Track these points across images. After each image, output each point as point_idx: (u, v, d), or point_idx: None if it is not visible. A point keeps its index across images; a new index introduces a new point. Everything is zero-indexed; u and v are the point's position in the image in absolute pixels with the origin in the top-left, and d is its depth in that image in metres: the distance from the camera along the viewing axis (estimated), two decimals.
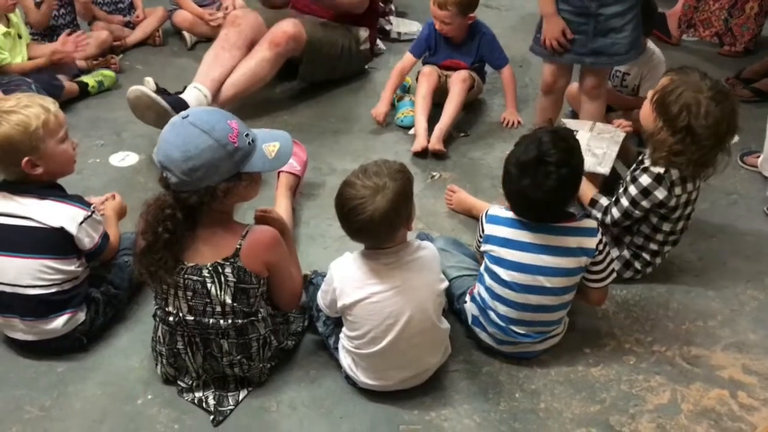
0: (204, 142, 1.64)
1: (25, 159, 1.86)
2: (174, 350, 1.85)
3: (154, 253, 1.71)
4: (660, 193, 2.10)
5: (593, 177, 2.30)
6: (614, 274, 2.02)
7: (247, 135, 1.72)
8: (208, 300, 1.76)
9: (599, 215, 2.23)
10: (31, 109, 1.87)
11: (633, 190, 2.14)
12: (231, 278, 1.75)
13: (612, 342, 2.12)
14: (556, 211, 1.89)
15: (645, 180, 2.12)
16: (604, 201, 2.25)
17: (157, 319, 1.86)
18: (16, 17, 3.15)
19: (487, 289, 1.96)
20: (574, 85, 3.14)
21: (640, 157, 2.24)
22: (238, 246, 1.75)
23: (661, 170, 2.10)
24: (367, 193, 1.70)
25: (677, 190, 2.12)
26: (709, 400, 1.94)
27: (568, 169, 1.80)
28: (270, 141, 1.78)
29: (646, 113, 2.15)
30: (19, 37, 3.15)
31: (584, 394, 1.95)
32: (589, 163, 2.20)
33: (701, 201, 2.36)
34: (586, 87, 2.73)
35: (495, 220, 1.94)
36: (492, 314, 1.97)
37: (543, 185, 1.78)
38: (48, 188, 1.93)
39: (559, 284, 1.91)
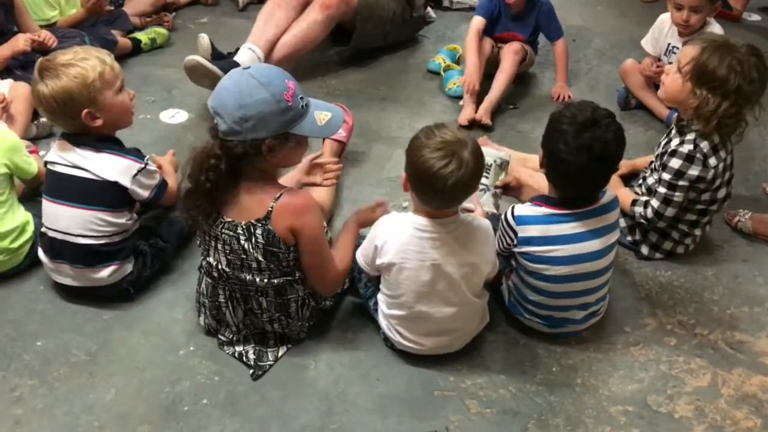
0: (259, 94, 1.65)
1: (85, 111, 1.89)
2: (216, 303, 1.89)
3: (195, 199, 1.74)
4: (695, 170, 2.08)
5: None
6: None
7: (301, 98, 1.73)
8: (245, 256, 1.79)
9: (641, 210, 2.20)
10: (88, 61, 1.90)
11: (666, 175, 2.12)
12: (261, 240, 1.76)
13: (653, 322, 2.09)
14: (607, 171, 1.84)
15: (675, 163, 2.09)
16: (642, 198, 2.22)
17: (202, 271, 1.90)
18: None
19: (526, 283, 1.93)
20: (629, 62, 3.08)
21: (662, 145, 2.21)
22: (270, 208, 1.75)
23: (690, 148, 2.07)
24: (450, 153, 1.66)
25: (712, 161, 2.08)
26: (751, 387, 1.91)
27: (619, 125, 1.81)
28: (323, 110, 1.79)
29: (677, 89, 2.10)
30: None
31: (622, 373, 1.93)
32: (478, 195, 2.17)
33: (756, 186, 2.31)
34: None
35: (527, 220, 1.86)
36: (532, 307, 1.95)
37: (603, 136, 1.76)
38: (105, 141, 1.97)
39: (605, 264, 1.90)
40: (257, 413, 1.78)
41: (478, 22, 3.11)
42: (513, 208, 1.90)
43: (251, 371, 1.87)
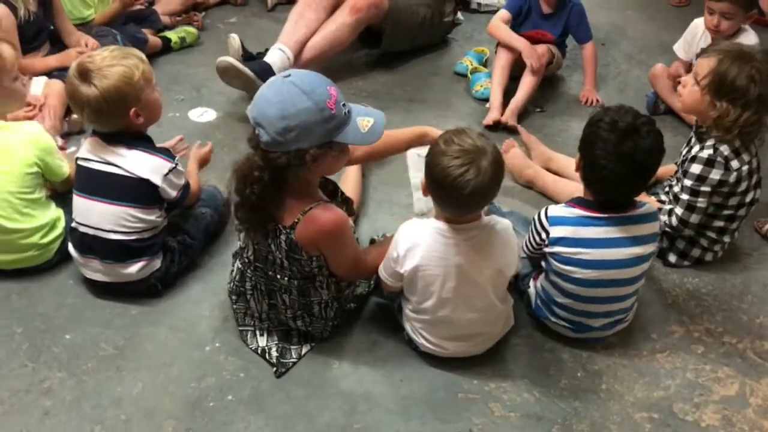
0: (302, 103, 1.61)
1: (133, 109, 1.92)
2: (241, 289, 1.91)
3: (244, 213, 1.75)
4: (716, 174, 2.06)
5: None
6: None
7: (344, 105, 1.69)
8: (269, 250, 1.80)
9: (665, 219, 2.17)
10: (129, 60, 1.92)
11: (688, 182, 2.10)
12: (283, 246, 1.76)
13: (680, 330, 2.07)
14: (646, 179, 1.83)
15: (696, 168, 2.08)
16: (666, 206, 2.20)
17: (236, 257, 1.91)
18: None
19: (555, 285, 1.92)
20: (658, 66, 3.05)
21: (683, 153, 2.19)
22: (297, 219, 1.73)
23: (710, 152, 2.05)
24: (469, 162, 1.64)
25: (734, 164, 2.06)
26: None
27: (659, 132, 1.79)
28: (365, 116, 1.74)
29: (696, 101, 2.09)
30: None
31: (648, 379, 1.92)
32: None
33: None
34: None
35: (560, 221, 1.86)
36: (559, 309, 1.94)
37: (644, 145, 1.75)
38: (138, 139, 2.00)
39: (635, 273, 1.88)
40: (281, 410, 1.80)
41: (503, 13, 3.12)
42: (547, 208, 1.89)
43: (274, 369, 1.89)
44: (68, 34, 2.91)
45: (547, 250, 1.88)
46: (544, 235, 1.87)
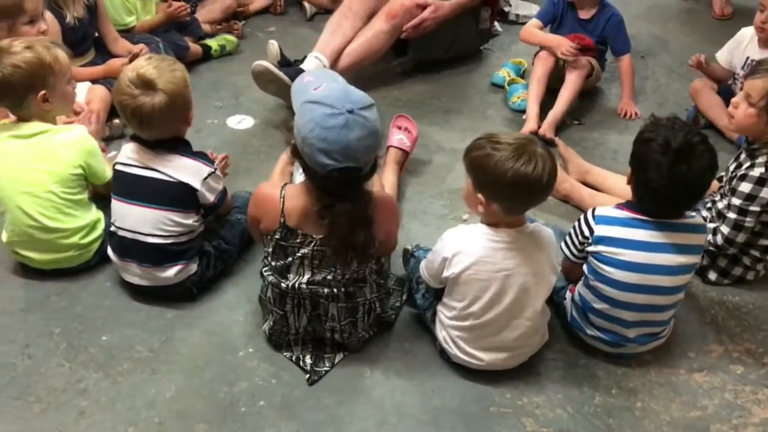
0: (376, 130, 1.68)
1: (188, 113, 2.00)
2: (282, 311, 1.89)
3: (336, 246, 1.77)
4: (767, 193, 2.02)
5: None
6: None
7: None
8: (333, 269, 1.80)
9: (710, 237, 2.13)
10: (179, 65, 1.98)
11: (736, 200, 2.07)
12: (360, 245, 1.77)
13: (719, 349, 2.03)
14: (699, 197, 1.82)
15: (746, 187, 2.04)
16: (710, 224, 2.15)
17: (267, 282, 1.89)
18: None
19: (592, 289, 1.90)
20: (698, 80, 3.01)
21: (732, 168, 2.15)
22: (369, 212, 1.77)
23: (762, 171, 2.02)
24: (530, 154, 1.66)
25: None
26: None
27: (712, 149, 1.77)
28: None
29: (751, 124, 2.07)
30: None
31: (685, 399, 1.88)
32: None
33: None
34: None
35: (607, 220, 1.85)
36: (595, 317, 1.92)
37: (699, 167, 1.73)
38: (177, 144, 2.03)
39: (676, 282, 1.85)
40: (312, 418, 1.80)
41: (534, 21, 3.15)
42: (594, 208, 1.89)
43: (307, 376, 1.89)
44: (113, 40, 2.97)
45: (589, 249, 1.87)
46: (588, 233, 1.86)
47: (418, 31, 3.12)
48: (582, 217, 1.90)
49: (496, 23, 3.72)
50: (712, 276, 2.22)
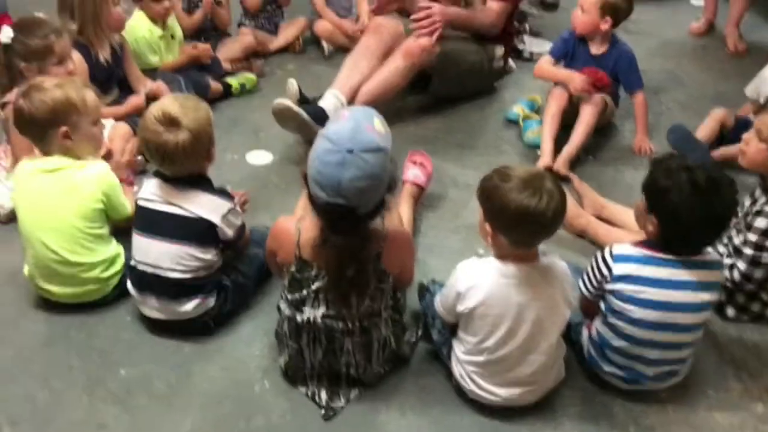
0: (385, 165, 1.71)
1: (211, 151, 2.06)
2: (298, 345, 1.91)
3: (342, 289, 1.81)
4: None
5: None
6: None
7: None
8: (349, 305, 1.82)
9: (727, 274, 2.13)
10: (203, 103, 2.04)
11: (753, 236, 2.07)
12: (372, 281, 1.80)
13: (738, 387, 2.01)
14: (726, 228, 1.84)
15: (762, 222, 2.05)
16: (726, 260, 2.15)
17: (283, 315, 1.92)
18: (171, 19, 3.38)
19: (611, 326, 1.89)
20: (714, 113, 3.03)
21: (747, 204, 2.15)
22: (379, 249, 1.79)
23: None
24: (537, 188, 1.68)
25: None
26: None
27: (733, 183, 1.79)
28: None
29: (764, 158, 2.09)
30: (172, 37, 3.39)
31: None
32: None
33: None
34: None
35: (626, 259, 1.84)
36: (613, 354, 1.91)
37: (729, 198, 1.76)
38: (199, 180, 2.07)
39: (696, 320, 1.85)
40: None
41: (547, 58, 3.19)
42: (611, 246, 1.88)
43: (322, 411, 1.90)
44: (137, 79, 3.04)
45: (608, 287, 1.86)
46: (606, 272, 1.85)
47: (431, 29, 3.12)
48: (599, 255, 1.90)
49: (510, 60, 3.77)
50: (731, 312, 2.21)
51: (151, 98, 2.81)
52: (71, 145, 2.13)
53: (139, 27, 3.19)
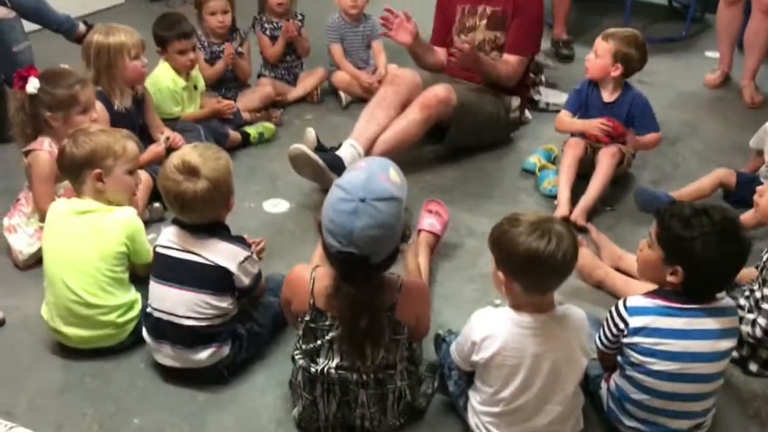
0: (398, 212, 1.72)
1: (229, 200, 2.09)
2: (312, 396, 1.89)
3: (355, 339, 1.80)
4: None
5: None
6: None
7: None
8: (364, 356, 1.80)
9: (748, 330, 2.10)
10: (223, 153, 2.08)
11: None
12: (387, 332, 1.79)
13: None
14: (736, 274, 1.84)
15: None
16: (749, 315, 2.12)
17: (297, 365, 1.90)
18: (194, 71, 3.46)
19: (630, 379, 1.86)
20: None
21: (764, 259, 2.13)
22: (394, 300, 1.79)
23: None
24: (546, 231, 1.68)
25: None
26: None
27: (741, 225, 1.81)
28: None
29: None
30: (195, 88, 3.46)
31: None
32: None
33: None
34: None
35: (640, 311, 1.82)
36: (633, 408, 1.87)
37: (744, 239, 1.76)
38: (216, 228, 2.09)
39: (716, 369, 1.82)
40: None
41: (564, 112, 3.22)
42: (625, 299, 1.86)
43: None
44: (156, 128, 3.10)
45: (625, 341, 1.83)
46: (622, 326, 1.83)
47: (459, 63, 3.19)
48: (613, 309, 1.87)
49: (526, 111, 3.81)
50: (753, 367, 2.16)
51: (169, 149, 2.87)
52: (103, 188, 2.19)
53: (162, 78, 3.27)
